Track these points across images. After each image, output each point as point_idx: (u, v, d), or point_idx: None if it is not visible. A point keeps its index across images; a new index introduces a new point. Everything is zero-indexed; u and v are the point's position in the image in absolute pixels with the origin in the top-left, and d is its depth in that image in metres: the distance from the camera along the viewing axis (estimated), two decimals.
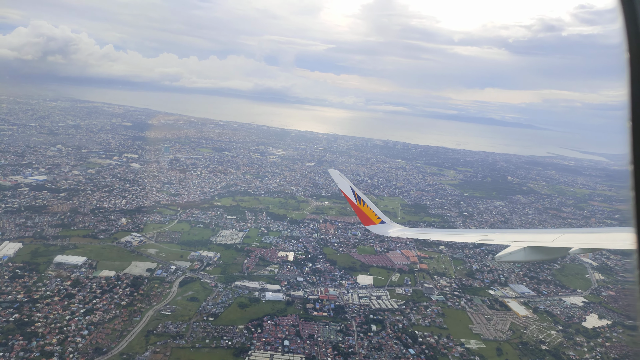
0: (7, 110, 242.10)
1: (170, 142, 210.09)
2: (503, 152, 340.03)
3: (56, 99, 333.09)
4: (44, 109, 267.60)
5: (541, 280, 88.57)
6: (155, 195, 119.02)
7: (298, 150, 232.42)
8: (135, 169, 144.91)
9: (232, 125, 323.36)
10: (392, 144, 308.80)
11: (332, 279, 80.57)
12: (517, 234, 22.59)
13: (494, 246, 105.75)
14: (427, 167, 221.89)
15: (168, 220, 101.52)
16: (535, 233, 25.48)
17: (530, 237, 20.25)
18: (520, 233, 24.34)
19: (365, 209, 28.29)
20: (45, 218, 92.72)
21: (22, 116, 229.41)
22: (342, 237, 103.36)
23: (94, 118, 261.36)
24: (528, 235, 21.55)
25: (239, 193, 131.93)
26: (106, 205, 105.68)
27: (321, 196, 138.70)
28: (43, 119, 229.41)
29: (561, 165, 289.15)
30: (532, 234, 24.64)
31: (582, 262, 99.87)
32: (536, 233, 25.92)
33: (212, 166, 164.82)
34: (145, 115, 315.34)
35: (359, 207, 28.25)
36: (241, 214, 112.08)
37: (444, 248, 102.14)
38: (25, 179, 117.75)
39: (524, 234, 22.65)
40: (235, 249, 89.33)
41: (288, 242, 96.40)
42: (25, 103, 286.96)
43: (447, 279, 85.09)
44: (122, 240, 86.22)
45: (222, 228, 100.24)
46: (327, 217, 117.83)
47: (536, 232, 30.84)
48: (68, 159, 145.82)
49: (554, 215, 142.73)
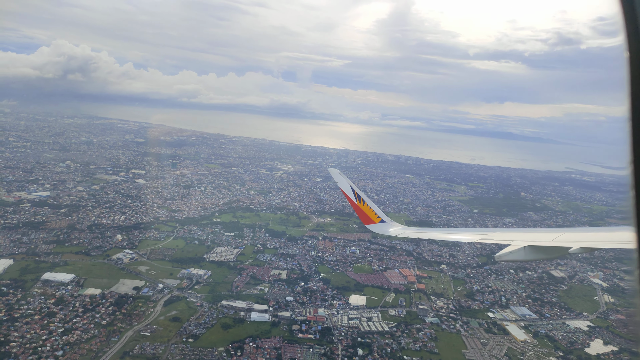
0: (24, 128, 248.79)
1: (180, 158, 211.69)
2: (519, 167, 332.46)
3: (73, 116, 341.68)
4: (60, 126, 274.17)
5: (545, 302, 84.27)
6: (155, 212, 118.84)
7: (307, 166, 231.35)
8: (140, 185, 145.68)
9: (244, 141, 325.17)
10: (404, 159, 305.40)
11: (324, 298, 78.06)
12: (517, 233, 22.35)
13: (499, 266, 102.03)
14: (438, 182, 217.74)
15: (164, 236, 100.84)
16: (535, 232, 24.97)
17: (530, 236, 20.10)
18: (520, 232, 23.56)
19: (365, 207, 28.11)
20: (41, 234, 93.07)
21: (37, 133, 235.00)
22: (340, 255, 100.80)
23: (108, 134, 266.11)
24: (528, 234, 21.49)
25: (241, 209, 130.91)
26: (104, 222, 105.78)
27: (324, 212, 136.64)
28: (57, 135, 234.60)
29: (580, 181, 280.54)
30: (532, 233, 24.05)
31: (591, 282, 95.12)
32: (536, 232, 25.39)
33: (217, 182, 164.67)
34: (159, 132, 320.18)
35: (358, 205, 28.15)
36: (239, 230, 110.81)
37: (445, 267, 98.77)
38: (29, 194, 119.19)
39: (524, 233, 22.42)
40: (227, 267, 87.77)
41: (283, 259, 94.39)
42: (43, 120, 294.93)
43: (445, 300, 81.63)
44: (114, 257, 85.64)
45: (217, 245, 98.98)
46: (327, 234, 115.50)
47: (536, 232, 30.30)
48: (75, 175, 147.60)
49: None
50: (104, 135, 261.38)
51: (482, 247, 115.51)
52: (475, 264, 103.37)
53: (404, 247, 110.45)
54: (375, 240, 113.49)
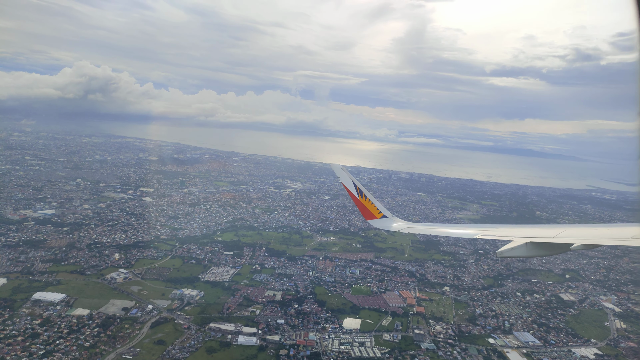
0: (42, 146, 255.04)
1: (190, 176, 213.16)
2: (537, 185, 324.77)
3: (91, 134, 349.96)
4: (76, 145, 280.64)
5: (551, 327, 79.82)
6: (157, 230, 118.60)
7: (316, 184, 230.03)
8: (146, 203, 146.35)
9: (256, 159, 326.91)
10: (417, 177, 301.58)
11: (316, 321, 75.51)
12: (519, 229, 21.83)
13: (503, 290, 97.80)
14: (450, 200, 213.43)
15: (162, 255, 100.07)
16: (538, 228, 24.53)
17: (532, 232, 19.99)
18: (522, 228, 22.83)
19: (367, 202, 28.36)
20: (39, 253, 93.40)
21: (54, 151, 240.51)
22: (339, 275, 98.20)
23: (123, 153, 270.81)
24: (530, 230, 21.24)
25: (244, 227, 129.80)
26: (104, 240, 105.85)
27: (328, 231, 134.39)
28: (73, 154, 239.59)
29: (600, 199, 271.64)
30: (535, 229, 23.77)
31: (602, 307, 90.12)
32: (538, 228, 24.95)
33: (224, 200, 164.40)
34: (174, 150, 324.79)
35: (360, 201, 28.42)
36: (239, 249, 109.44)
37: (447, 289, 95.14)
38: (35, 213, 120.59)
39: (526, 229, 21.88)
40: (221, 287, 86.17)
41: (279, 280, 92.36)
42: (61, 139, 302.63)
43: (444, 324, 78.09)
44: (108, 277, 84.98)
45: (214, 264, 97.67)
46: (328, 253, 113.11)
47: (538, 228, 29.29)
48: (83, 193, 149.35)
49: (581, 254, 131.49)
50: (118, 153, 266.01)
51: (489, 268, 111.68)
52: (481, 286, 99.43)
53: (407, 267, 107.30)
54: (377, 260, 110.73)
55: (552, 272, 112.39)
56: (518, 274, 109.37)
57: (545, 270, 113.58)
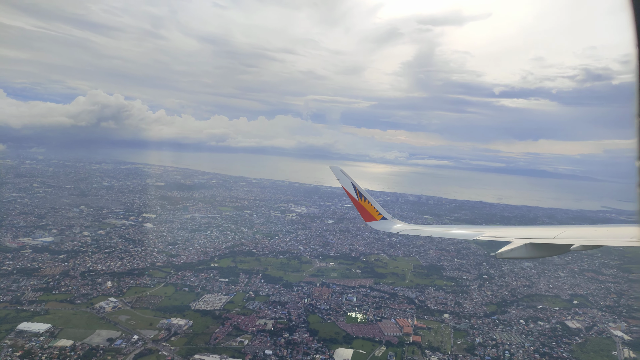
0: (51, 173, 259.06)
1: (194, 201, 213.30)
2: (549, 207, 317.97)
3: (101, 161, 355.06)
4: (85, 172, 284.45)
5: (554, 357, 75.76)
6: (153, 257, 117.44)
7: (321, 208, 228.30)
8: (146, 229, 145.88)
9: (263, 183, 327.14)
10: (424, 200, 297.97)
11: (306, 352, 72.74)
12: (519, 230, 21.98)
13: (506, 318, 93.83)
14: (456, 223, 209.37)
15: (155, 283, 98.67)
16: (537, 229, 24.12)
17: (531, 233, 20.02)
18: (521, 229, 22.80)
19: (366, 204, 28.62)
20: (31, 281, 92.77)
21: (62, 179, 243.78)
22: (335, 302, 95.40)
23: (130, 179, 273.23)
24: (530, 231, 21.14)
25: (242, 253, 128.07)
26: (99, 268, 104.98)
27: (328, 256, 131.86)
28: (80, 180, 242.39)
29: (615, 220, 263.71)
30: (534, 230, 23.45)
31: (611, 335, 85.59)
32: (538, 229, 24.37)
33: (225, 225, 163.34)
34: (181, 175, 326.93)
35: (359, 203, 28.59)
36: (235, 276, 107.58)
37: (447, 316, 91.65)
38: (33, 240, 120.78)
39: (526, 230, 21.81)
40: (212, 316, 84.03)
41: (272, 308, 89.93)
42: (71, 166, 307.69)
43: (440, 355, 74.63)
44: (97, 306, 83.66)
45: (207, 292, 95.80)
46: (326, 279, 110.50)
47: (538, 228, 28.89)
48: (85, 220, 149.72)
49: (591, 278, 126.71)
50: (126, 179, 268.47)
51: (492, 294, 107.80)
52: (483, 313, 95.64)
53: (406, 294, 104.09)
54: (376, 286, 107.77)
55: (559, 298, 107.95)
56: (523, 300, 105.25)
57: (552, 296, 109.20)
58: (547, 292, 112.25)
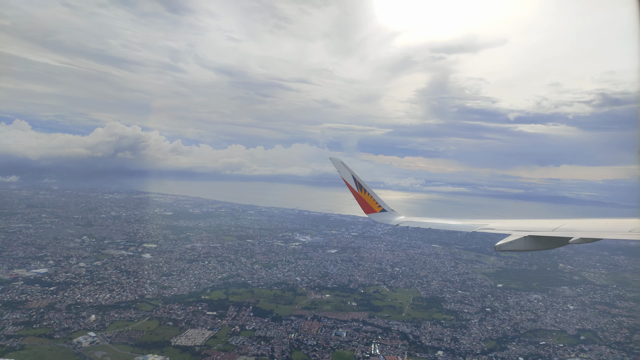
0: (62, 204, 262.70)
1: (199, 230, 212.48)
2: None
3: (114, 191, 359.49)
4: (97, 201, 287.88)
5: None
6: (144, 289, 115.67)
7: (327, 236, 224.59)
8: (143, 260, 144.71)
9: (273, 212, 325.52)
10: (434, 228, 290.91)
11: None
12: (518, 223, 21.71)
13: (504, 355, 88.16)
14: (465, 253, 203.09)
15: (140, 316, 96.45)
16: (536, 221, 23.63)
17: (530, 225, 19.94)
18: (520, 221, 22.21)
19: (367, 197, 29.00)
20: (15, 314, 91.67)
21: (72, 209, 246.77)
22: (323, 338, 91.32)
23: (140, 208, 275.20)
24: (529, 223, 21.04)
25: (236, 285, 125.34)
26: (87, 300, 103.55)
27: (325, 288, 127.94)
28: (89, 210, 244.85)
29: (637, 249, 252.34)
30: (533, 222, 23.23)
31: None
32: (537, 221, 23.96)
33: (225, 255, 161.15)
34: (191, 204, 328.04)
35: (360, 195, 28.90)
36: (224, 308, 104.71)
37: (441, 354, 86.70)
38: (27, 272, 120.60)
39: (525, 223, 21.56)
40: (191, 353, 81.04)
41: (257, 343, 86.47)
42: (84, 196, 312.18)
43: None
44: (74, 341, 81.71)
45: (191, 326, 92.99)
46: (319, 312, 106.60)
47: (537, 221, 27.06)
48: (84, 251, 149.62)
49: (603, 311, 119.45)
50: (135, 209, 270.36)
51: (493, 329, 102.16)
52: (480, 349, 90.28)
53: (401, 328, 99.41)
54: (370, 320, 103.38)
55: (565, 333, 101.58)
56: (525, 335, 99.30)
57: (558, 331, 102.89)
58: (553, 326, 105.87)
